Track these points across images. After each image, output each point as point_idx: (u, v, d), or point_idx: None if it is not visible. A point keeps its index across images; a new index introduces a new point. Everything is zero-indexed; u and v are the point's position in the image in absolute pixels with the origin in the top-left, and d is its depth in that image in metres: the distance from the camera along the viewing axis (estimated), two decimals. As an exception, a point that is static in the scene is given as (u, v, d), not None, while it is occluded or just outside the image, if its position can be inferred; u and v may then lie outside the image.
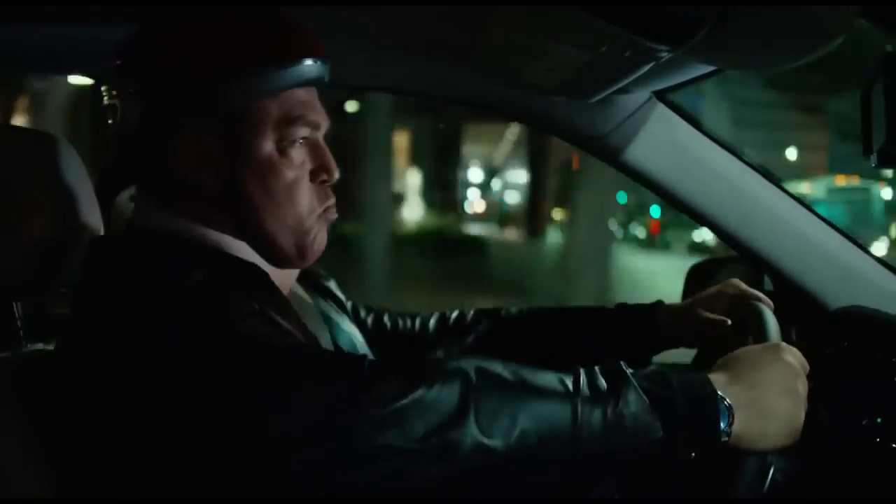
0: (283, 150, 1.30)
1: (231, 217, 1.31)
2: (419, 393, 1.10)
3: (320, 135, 1.36)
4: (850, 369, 1.53)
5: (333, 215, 1.39)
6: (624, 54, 1.44)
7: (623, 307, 1.73)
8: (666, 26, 1.28)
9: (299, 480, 1.12)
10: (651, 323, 1.68)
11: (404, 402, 1.09)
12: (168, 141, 1.27)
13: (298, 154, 1.32)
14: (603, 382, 1.15)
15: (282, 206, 1.31)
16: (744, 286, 1.63)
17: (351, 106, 13.36)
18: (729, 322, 1.57)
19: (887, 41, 1.26)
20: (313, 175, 1.34)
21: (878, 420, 1.46)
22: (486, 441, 1.10)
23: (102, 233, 1.54)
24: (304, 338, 1.29)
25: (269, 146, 1.29)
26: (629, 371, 1.17)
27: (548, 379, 1.16)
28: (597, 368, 1.18)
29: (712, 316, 1.61)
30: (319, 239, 1.37)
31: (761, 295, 1.59)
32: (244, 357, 1.11)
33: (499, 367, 1.16)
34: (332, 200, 1.38)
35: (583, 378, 1.15)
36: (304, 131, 1.32)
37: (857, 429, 1.47)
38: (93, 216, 1.52)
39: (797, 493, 1.50)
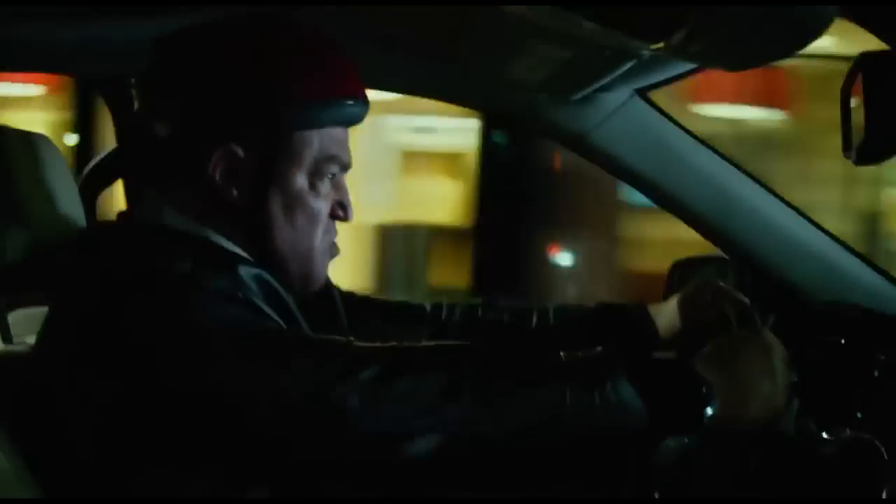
0: (313, 184, 1.32)
1: (248, 234, 1.32)
2: (409, 375, 1.13)
3: (345, 175, 1.38)
4: (831, 364, 1.54)
5: (337, 252, 1.40)
6: (605, 52, 1.45)
7: (603, 306, 1.74)
8: (647, 24, 1.28)
9: (285, 459, 1.14)
10: (630, 323, 1.68)
11: (394, 383, 1.12)
12: (204, 149, 1.27)
13: (325, 188, 1.33)
14: (591, 368, 1.18)
15: (300, 235, 1.32)
16: (718, 284, 1.64)
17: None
18: (708, 318, 1.58)
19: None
20: (332, 210, 1.36)
21: (858, 415, 1.46)
22: (475, 423, 1.13)
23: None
24: (292, 326, 1.30)
25: (302, 178, 1.30)
26: (614, 355, 1.20)
27: (538, 363, 1.19)
28: (585, 352, 1.21)
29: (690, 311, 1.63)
30: (323, 273, 1.39)
31: (736, 292, 1.61)
32: (232, 341, 1.13)
33: (490, 351, 1.20)
34: (337, 237, 1.40)
35: (571, 363, 1.18)
36: (335, 169, 1.34)
37: (836, 423, 1.47)
38: (76, 214, 1.52)
39: (778, 485, 1.50)
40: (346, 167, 1.36)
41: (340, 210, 1.37)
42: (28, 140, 1.48)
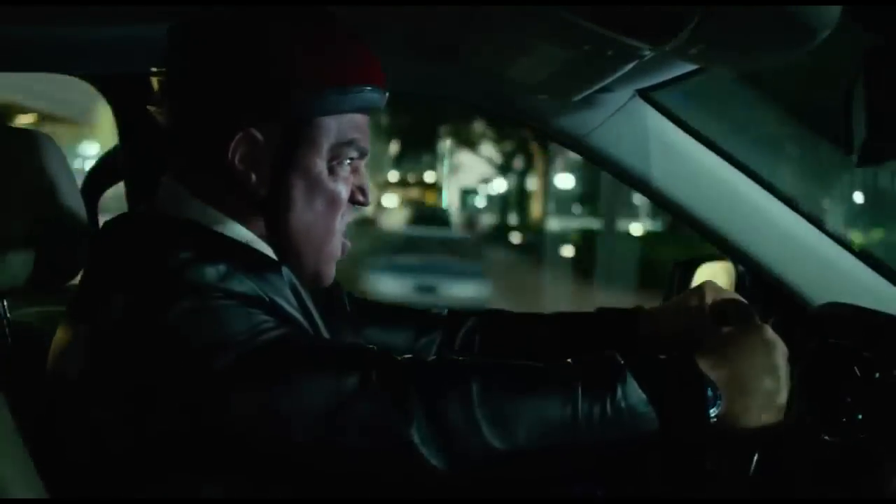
0: (332, 169, 1.33)
1: (266, 221, 1.33)
2: (424, 388, 1.13)
3: (363, 162, 1.39)
4: (832, 366, 1.54)
5: (347, 249, 1.40)
6: (607, 53, 1.45)
7: (603, 311, 1.74)
8: (648, 25, 1.28)
9: (300, 469, 1.14)
10: (631, 327, 1.68)
11: (411, 398, 1.12)
12: (223, 135, 1.28)
13: (344, 172, 1.34)
14: (600, 377, 1.18)
15: (318, 219, 1.33)
16: (718, 286, 1.64)
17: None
18: (708, 319, 1.58)
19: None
20: (351, 195, 1.37)
21: (859, 416, 1.46)
22: (488, 440, 1.13)
23: (88, 230, 1.53)
24: (314, 331, 1.31)
25: (321, 162, 1.31)
26: (622, 361, 1.20)
27: (547, 377, 1.19)
28: (592, 360, 1.21)
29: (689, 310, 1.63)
30: (332, 269, 1.40)
31: (736, 294, 1.61)
32: (256, 348, 1.13)
33: (500, 367, 1.21)
34: (350, 218, 1.40)
35: (580, 373, 1.18)
36: (353, 154, 1.35)
37: (837, 425, 1.48)
38: (78, 213, 1.52)
39: (781, 486, 1.51)
40: (364, 152, 1.37)
41: (360, 195, 1.38)
42: (30, 139, 1.48)
